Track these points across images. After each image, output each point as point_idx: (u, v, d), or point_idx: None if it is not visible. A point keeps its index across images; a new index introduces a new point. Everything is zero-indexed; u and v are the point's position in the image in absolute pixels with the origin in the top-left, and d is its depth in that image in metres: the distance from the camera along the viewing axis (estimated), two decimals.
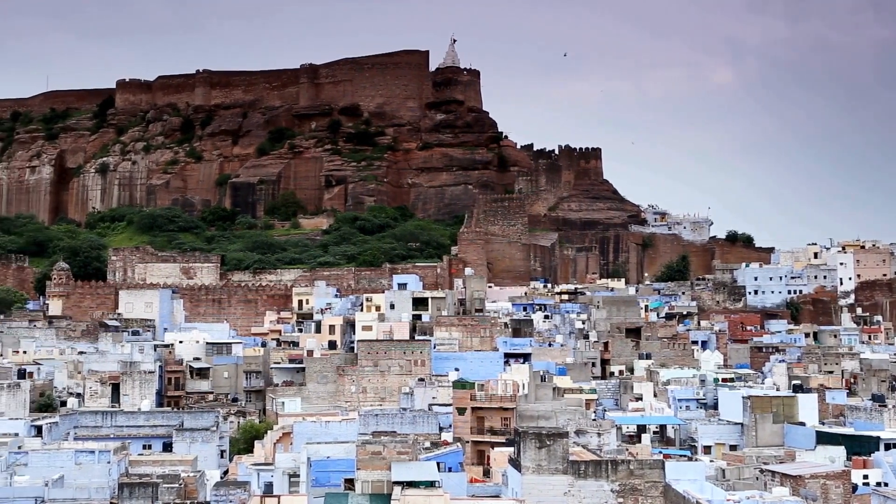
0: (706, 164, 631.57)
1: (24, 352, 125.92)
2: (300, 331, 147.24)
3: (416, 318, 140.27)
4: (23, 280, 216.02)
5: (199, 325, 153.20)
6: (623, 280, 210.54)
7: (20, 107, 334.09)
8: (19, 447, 69.95)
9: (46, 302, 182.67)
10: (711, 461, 78.70)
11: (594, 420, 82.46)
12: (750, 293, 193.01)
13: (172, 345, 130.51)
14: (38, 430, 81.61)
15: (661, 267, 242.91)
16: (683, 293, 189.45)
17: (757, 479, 70.18)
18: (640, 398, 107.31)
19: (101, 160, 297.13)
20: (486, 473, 71.34)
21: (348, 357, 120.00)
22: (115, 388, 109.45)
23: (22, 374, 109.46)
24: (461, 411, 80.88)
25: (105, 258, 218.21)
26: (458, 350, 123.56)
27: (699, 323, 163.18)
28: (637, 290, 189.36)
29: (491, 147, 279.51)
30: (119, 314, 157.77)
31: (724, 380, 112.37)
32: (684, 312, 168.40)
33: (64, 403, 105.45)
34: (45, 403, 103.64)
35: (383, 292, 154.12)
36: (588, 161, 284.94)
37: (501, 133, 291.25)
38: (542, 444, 56.26)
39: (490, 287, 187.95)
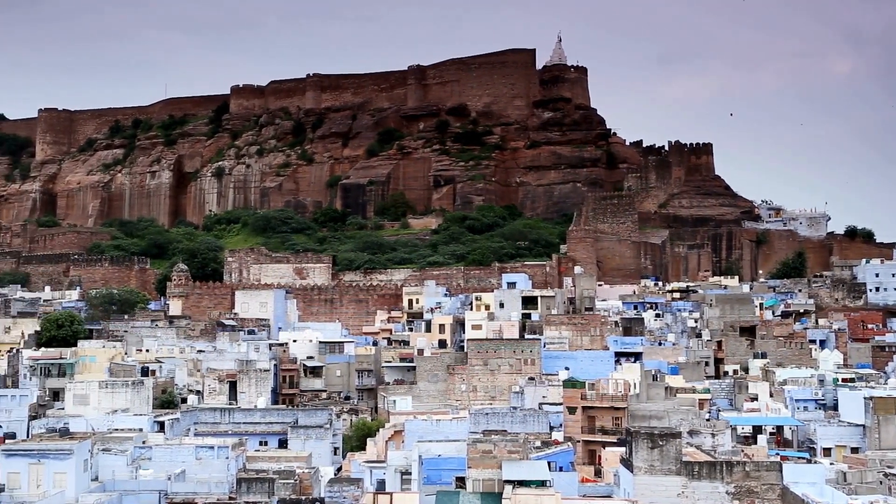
0: (823, 157, 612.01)
1: (147, 350, 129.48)
2: (410, 330, 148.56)
3: (526, 316, 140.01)
4: (145, 281, 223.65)
5: (311, 325, 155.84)
6: (736, 277, 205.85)
7: (141, 114, 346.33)
8: (143, 442, 72.16)
9: (167, 302, 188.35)
10: (831, 464, 76.33)
11: (708, 420, 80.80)
12: (871, 290, 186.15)
13: (286, 344, 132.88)
14: (161, 426, 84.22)
15: (776, 264, 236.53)
16: (800, 291, 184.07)
17: (881, 483, 67.77)
18: (755, 398, 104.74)
19: (216, 164, 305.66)
20: (598, 473, 70.83)
21: (458, 356, 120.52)
22: (233, 386, 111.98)
23: (145, 372, 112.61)
24: (572, 410, 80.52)
25: (222, 259, 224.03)
26: (567, 349, 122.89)
27: (817, 321, 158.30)
28: (751, 288, 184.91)
29: (599, 144, 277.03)
30: (235, 314, 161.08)
31: (844, 380, 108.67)
32: (801, 310, 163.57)
33: (184, 400, 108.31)
34: (166, 400, 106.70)
35: (492, 291, 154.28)
36: (699, 157, 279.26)
37: (610, 130, 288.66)
38: (654, 445, 55.56)
39: (600, 285, 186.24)
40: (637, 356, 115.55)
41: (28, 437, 79.96)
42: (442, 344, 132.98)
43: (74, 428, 74.31)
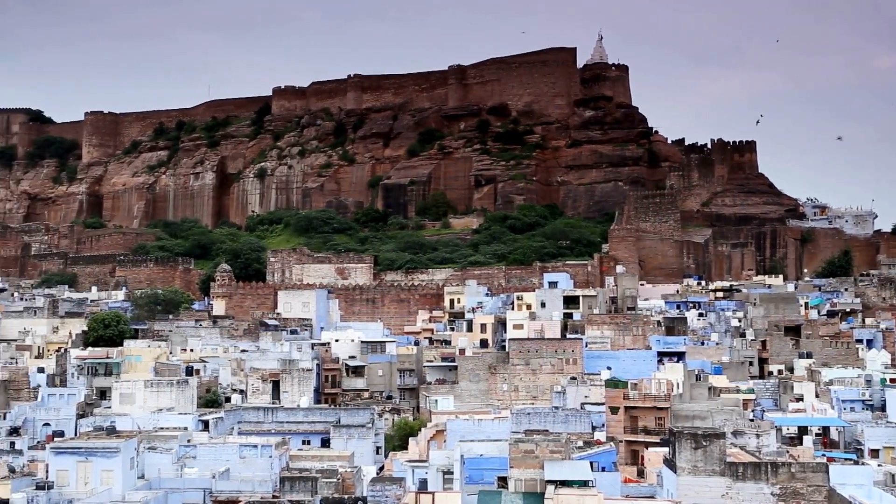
0: (868, 154, 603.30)
1: (191, 350, 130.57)
2: (452, 329, 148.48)
3: (568, 316, 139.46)
4: (189, 281, 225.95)
5: (353, 325, 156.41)
6: (781, 276, 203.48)
7: (184, 116, 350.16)
8: (188, 441, 72.93)
9: (211, 302, 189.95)
10: (879, 465, 75.21)
11: (752, 421, 79.98)
12: None
13: (329, 343, 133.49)
14: (205, 425, 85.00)
15: (821, 262, 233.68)
16: (846, 290, 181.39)
17: None
18: (800, 399, 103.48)
19: (259, 165, 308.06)
20: (641, 474, 70.45)
21: (500, 356, 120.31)
22: (276, 385, 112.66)
23: (189, 372, 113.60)
24: (614, 410, 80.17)
25: (264, 260, 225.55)
26: (610, 349, 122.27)
27: (864, 321, 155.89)
28: (796, 287, 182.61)
29: (641, 143, 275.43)
30: (278, 314, 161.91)
31: (892, 380, 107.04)
32: (847, 310, 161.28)
33: (228, 399, 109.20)
34: (210, 399, 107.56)
35: (534, 291, 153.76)
36: (742, 154, 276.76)
37: (651, 128, 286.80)
38: (698, 445, 55.13)
39: (642, 285, 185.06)
40: (680, 356, 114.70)
41: (76, 435, 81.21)
42: (483, 344, 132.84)
43: (121, 426, 75.42)
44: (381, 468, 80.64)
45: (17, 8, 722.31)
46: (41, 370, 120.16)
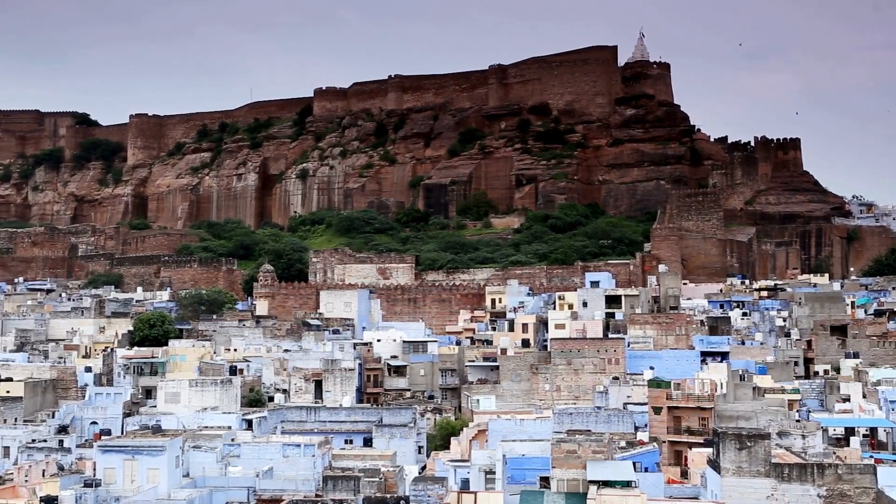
0: None
1: (235, 350, 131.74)
2: (493, 329, 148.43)
3: (610, 315, 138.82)
4: (232, 282, 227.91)
5: (395, 324, 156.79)
6: (826, 275, 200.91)
7: (227, 118, 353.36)
8: (232, 439, 73.62)
9: (254, 302, 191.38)
10: None
11: (798, 421, 79.09)
12: None
13: (371, 343, 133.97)
14: (249, 424, 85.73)
15: (868, 261, 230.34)
16: (893, 288, 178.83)
17: None
18: (847, 399, 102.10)
19: (301, 166, 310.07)
20: (684, 475, 69.89)
21: (541, 355, 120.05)
22: (318, 385, 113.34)
23: (233, 371, 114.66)
24: (657, 410, 79.60)
25: (306, 260, 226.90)
26: (652, 348, 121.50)
27: None
28: (842, 286, 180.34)
29: (683, 141, 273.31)
30: (320, 314, 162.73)
31: None
32: (895, 309, 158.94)
33: (271, 399, 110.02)
34: (254, 399, 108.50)
35: (576, 290, 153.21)
36: (786, 152, 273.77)
37: (694, 126, 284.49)
38: (742, 446, 54.55)
39: (685, 284, 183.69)
40: (723, 356, 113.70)
41: (122, 433, 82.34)
42: (525, 343, 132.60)
43: (166, 425, 76.34)
44: (423, 468, 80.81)
45: (63, 13, 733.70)
46: (88, 369, 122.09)
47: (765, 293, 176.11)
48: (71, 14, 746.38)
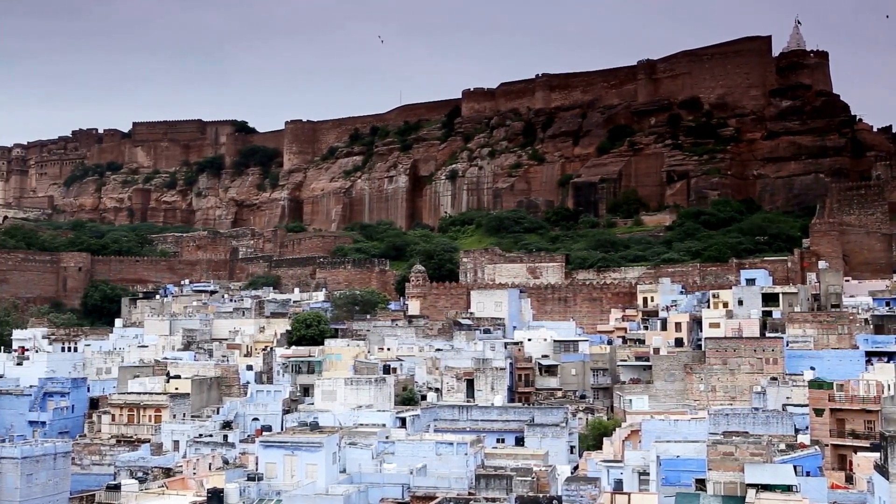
0: None
1: (388, 349, 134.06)
2: (646, 328, 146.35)
3: (766, 314, 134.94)
4: (385, 282, 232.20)
5: (546, 324, 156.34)
6: None
7: (378, 122, 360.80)
8: (387, 437, 75.06)
9: (406, 302, 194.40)
10: None
11: None
12: None
13: (521, 342, 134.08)
14: (402, 422, 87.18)
15: None
16: None
17: None
18: None
19: (450, 167, 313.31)
20: (849, 480, 67.27)
21: (696, 355, 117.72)
22: (470, 384, 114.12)
23: (387, 370, 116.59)
24: (819, 412, 76.88)
25: (457, 260, 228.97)
26: (812, 348, 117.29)
27: None
28: None
29: (843, 132, 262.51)
30: (471, 313, 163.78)
31: None
32: None
33: (424, 397, 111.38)
34: (407, 397, 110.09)
35: (730, 288, 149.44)
36: None
37: (855, 116, 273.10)
38: None
39: (847, 281, 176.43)
40: (890, 356, 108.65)
41: (282, 430, 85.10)
42: (678, 342, 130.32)
43: (323, 422, 78.45)
44: (576, 468, 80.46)
45: (222, 26, 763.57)
46: (250, 368, 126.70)
47: None
48: (228, 26, 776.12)
